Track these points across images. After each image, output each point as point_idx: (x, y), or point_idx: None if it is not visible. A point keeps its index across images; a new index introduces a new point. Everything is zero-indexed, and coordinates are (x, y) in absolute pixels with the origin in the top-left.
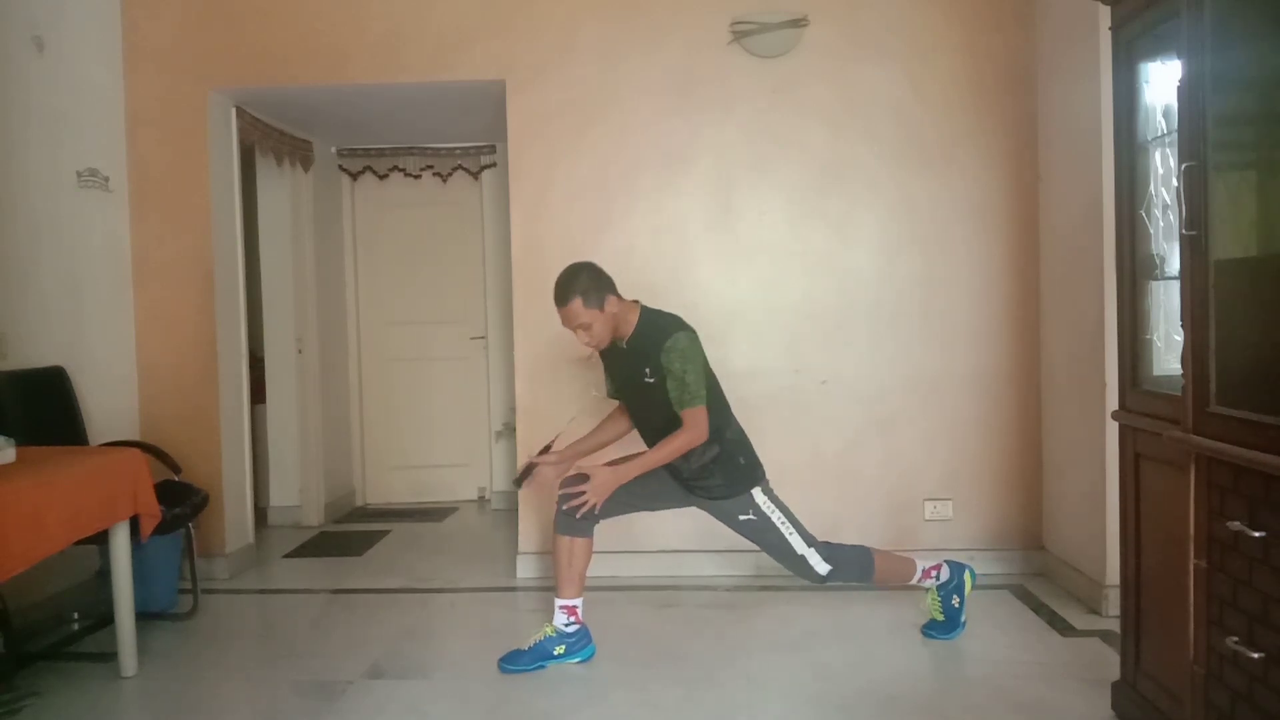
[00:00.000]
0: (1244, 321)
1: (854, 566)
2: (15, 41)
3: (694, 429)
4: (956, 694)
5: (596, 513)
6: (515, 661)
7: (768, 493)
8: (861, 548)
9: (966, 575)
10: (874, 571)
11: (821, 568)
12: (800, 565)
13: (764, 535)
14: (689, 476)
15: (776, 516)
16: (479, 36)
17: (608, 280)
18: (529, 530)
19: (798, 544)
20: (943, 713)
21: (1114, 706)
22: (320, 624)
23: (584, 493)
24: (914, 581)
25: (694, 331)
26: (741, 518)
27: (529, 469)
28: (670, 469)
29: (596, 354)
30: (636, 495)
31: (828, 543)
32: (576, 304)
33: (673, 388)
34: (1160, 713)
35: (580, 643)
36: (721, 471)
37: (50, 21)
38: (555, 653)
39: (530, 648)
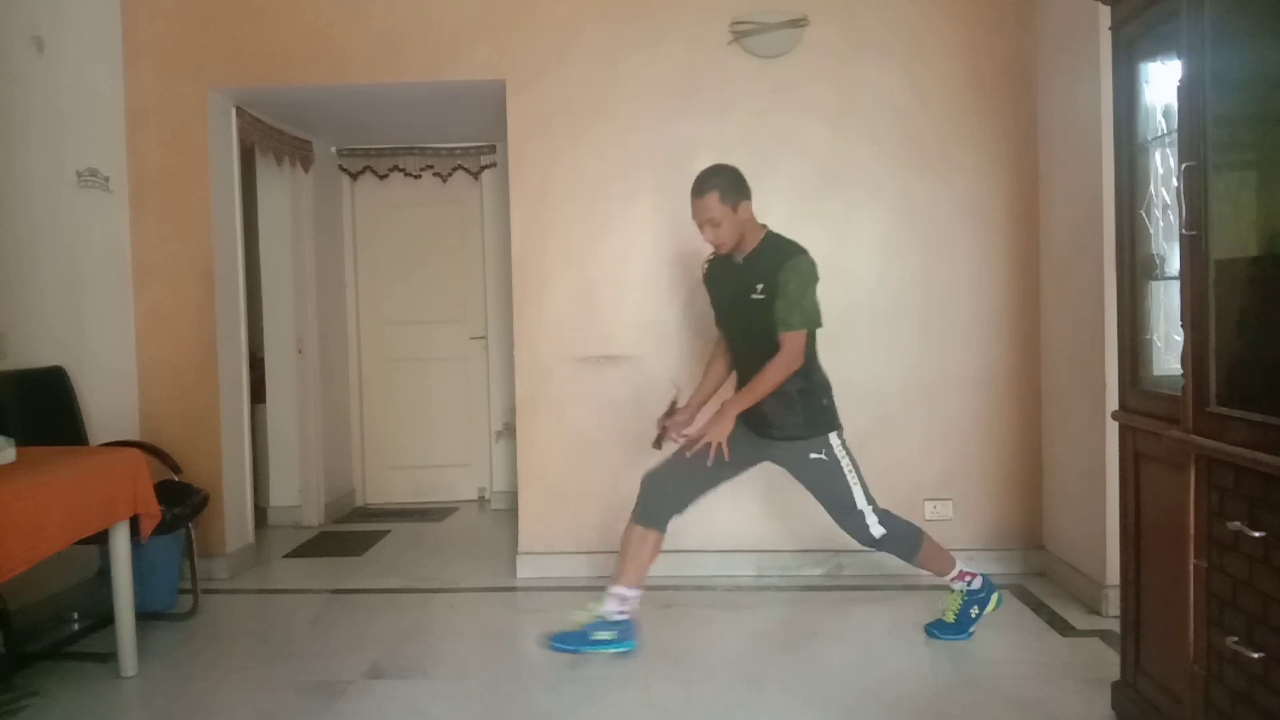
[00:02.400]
0: (1244, 321)
1: (904, 538)
2: (15, 41)
3: (789, 351)
4: (957, 694)
5: (710, 462)
6: (566, 641)
7: (842, 440)
8: (915, 526)
9: (995, 596)
10: (919, 553)
11: (876, 529)
12: (856, 521)
13: (829, 480)
14: (769, 411)
15: (846, 464)
16: (479, 36)
17: (746, 188)
18: (529, 530)
19: (859, 499)
20: (943, 712)
21: (1114, 706)
22: (320, 624)
23: (704, 441)
24: (948, 578)
25: (816, 262)
26: (813, 456)
27: (663, 434)
28: (750, 412)
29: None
30: (717, 464)
31: (887, 510)
32: (713, 197)
33: (781, 307)
34: (1160, 713)
35: (625, 633)
36: (804, 408)
37: (50, 21)
38: (599, 639)
39: (575, 632)
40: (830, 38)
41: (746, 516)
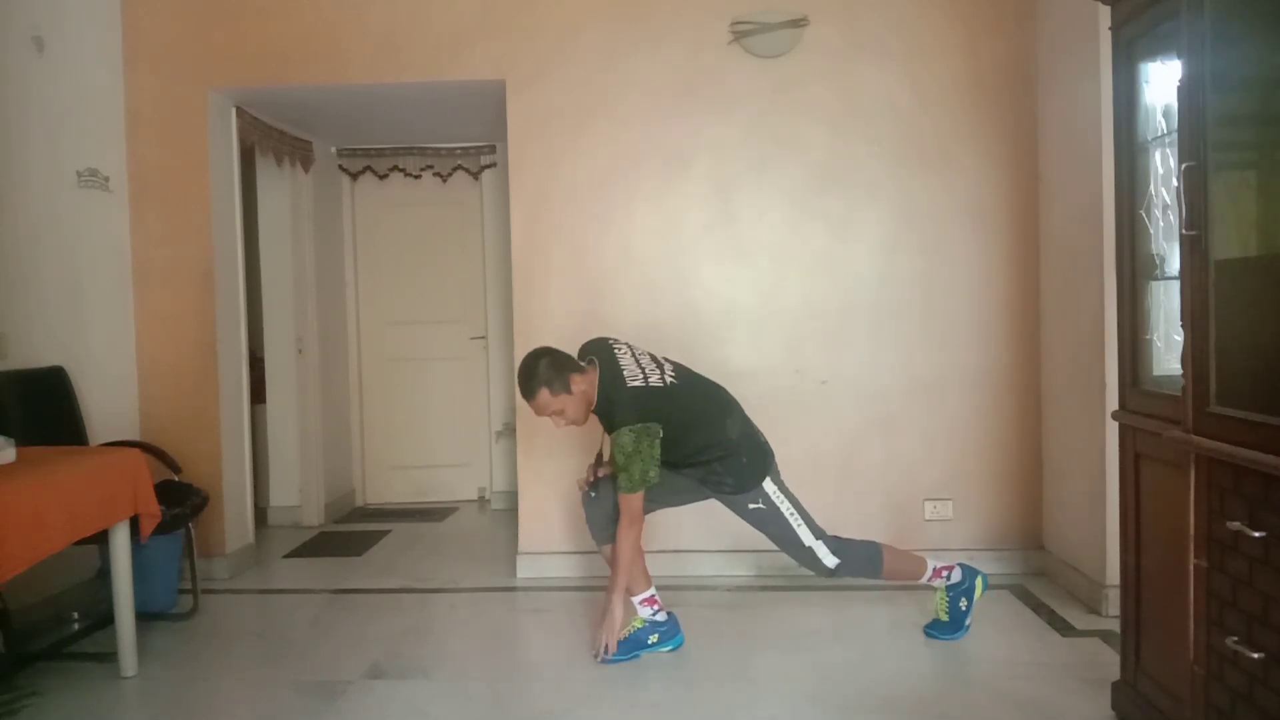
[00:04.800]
0: (1244, 321)
1: (863, 561)
2: (15, 41)
3: (626, 514)
4: (957, 694)
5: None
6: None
7: (777, 483)
8: (871, 543)
9: (978, 580)
10: (883, 567)
11: (829, 560)
12: (808, 557)
13: (772, 525)
14: (700, 477)
15: (785, 507)
16: (479, 36)
17: (567, 360)
18: (529, 530)
19: (805, 536)
20: (943, 712)
21: (1114, 706)
22: (320, 624)
23: (603, 642)
24: (924, 580)
25: (642, 419)
26: (751, 506)
27: (596, 483)
28: (690, 472)
29: None
30: (665, 493)
31: (837, 536)
32: (544, 395)
33: (615, 466)
34: (1160, 713)
35: (671, 630)
36: (728, 472)
37: (50, 21)
38: (649, 641)
39: (626, 639)
40: (830, 38)
41: None
